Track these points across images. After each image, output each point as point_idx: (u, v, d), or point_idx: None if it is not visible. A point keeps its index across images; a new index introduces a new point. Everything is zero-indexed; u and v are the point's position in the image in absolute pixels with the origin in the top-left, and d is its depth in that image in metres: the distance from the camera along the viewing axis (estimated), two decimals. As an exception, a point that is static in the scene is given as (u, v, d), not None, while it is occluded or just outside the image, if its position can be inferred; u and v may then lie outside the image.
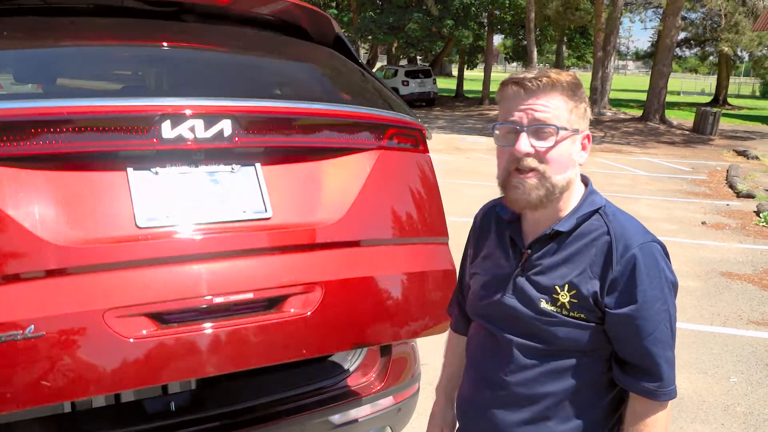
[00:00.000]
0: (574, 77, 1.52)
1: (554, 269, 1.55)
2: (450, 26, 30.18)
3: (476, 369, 1.70)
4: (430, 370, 4.26)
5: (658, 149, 18.52)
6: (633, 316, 1.48)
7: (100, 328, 1.60)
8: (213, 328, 1.77)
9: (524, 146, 1.47)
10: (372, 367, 2.60)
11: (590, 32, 35.81)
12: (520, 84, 1.49)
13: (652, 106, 24.39)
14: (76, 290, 1.62)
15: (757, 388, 4.52)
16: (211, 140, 1.85)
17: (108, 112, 1.77)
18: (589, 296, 1.50)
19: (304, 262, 1.94)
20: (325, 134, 2.12)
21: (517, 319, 1.58)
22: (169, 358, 1.70)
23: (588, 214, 1.56)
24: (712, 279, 6.90)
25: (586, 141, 1.57)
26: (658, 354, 1.50)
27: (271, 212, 1.92)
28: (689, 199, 11.34)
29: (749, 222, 9.55)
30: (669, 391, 1.53)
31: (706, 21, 34.02)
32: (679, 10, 23.86)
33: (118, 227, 1.73)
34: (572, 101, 1.51)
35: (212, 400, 2.33)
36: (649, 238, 1.53)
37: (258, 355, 1.84)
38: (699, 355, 5.02)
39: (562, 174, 1.51)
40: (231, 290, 1.79)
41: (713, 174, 14.16)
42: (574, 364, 1.55)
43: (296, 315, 1.88)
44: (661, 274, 1.50)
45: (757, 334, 5.48)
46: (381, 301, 2.08)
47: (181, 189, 1.84)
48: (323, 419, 2.39)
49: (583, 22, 34.17)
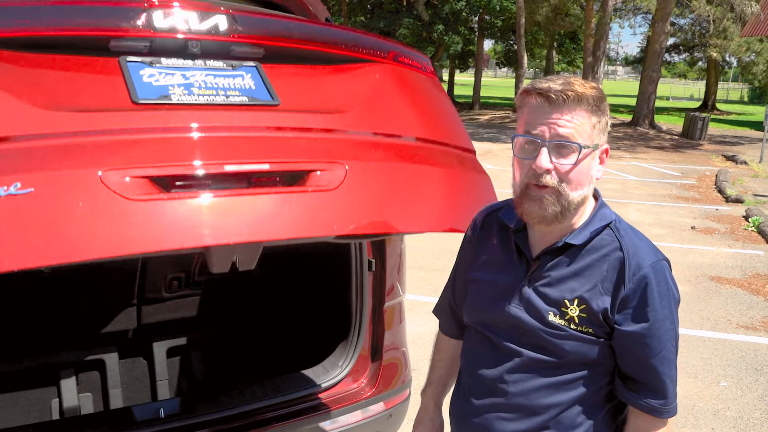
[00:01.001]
0: (599, 90, 1.48)
1: (564, 282, 1.52)
2: (440, 31, 30.26)
3: (472, 376, 1.68)
4: (421, 376, 4.24)
5: (648, 154, 18.62)
6: (643, 334, 1.47)
7: (95, 186, 1.50)
8: (226, 195, 1.63)
9: (545, 162, 1.44)
10: (363, 373, 2.59)
11: (580, 37, 36.04)
12: (545, 95, 1.44)
13: (642, 111, 24.54)
14: (70, 152, 1.54)
15: (747, 392, 4.54)
16: (208, 33, 1.80)
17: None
18: (599, 312, 1.49)
19: (321, 143, 1.85)
20: (330, 44, 2.05)
21: (522, 330, 1.56)
22: (174, 223, 1.57)
23: (600, 229, 1.54)
24: (702, 283, 6.93)
25: (604, 155, 1.54)
26: (664, 372, 1.50)
27: (279, 100, 1.85)
28: (679, 203, 11.40)
29: (738, 227, 9.61)
30: (672, 408, 1.53)
31: (694, 27, 34.32)
32: (668, 16, 24.04)
33: (115, 101, 1.65)
34: (596, 116, 1.47)
35: (203, 406, 2.31)
36: (660, 256, 1.52)
37: (279, 227, 1.69)
38: (689, 360, 5.03)
39: (580, 191, 1.48)
40: (243, 160, 1.68)
41: (702, 179, 14.25)
42: (577, 377, 1.54)
43: (319, 188, 1.74)
44: (670, 293, 1.50)
45: (747, 338, 5.51)
46: (404, 190, 1.95)
47: (179, 78, 1.78)
48: (314, 425, 2.38)
49: (573, 28, 34.42)
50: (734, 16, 28.34)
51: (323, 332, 2.79)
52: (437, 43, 32.45)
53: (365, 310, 2.56)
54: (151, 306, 2.99)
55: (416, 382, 3.18)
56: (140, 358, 3.08)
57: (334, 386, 2.50)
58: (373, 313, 2.61)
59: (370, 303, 2.58)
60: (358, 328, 2.57)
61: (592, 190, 1.55)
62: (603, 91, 1.50)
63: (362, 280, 2.55)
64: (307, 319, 2.98)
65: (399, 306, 2.73)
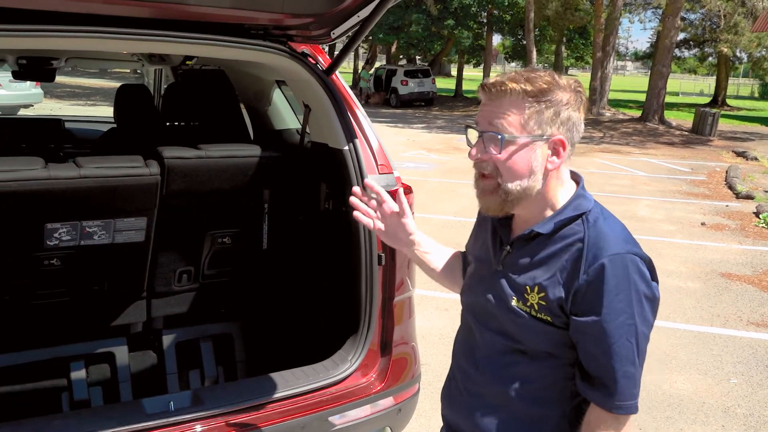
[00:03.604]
0: (541, 84, 1.48)
1: (528, 270, 1.56)
2: (450, 26, 30.17)
3: (456, 360, 1.76)
4: (430, 371, 4.26)
5: (657, 150, 18.53)
6: (594, 327, 1.46)
7: None
8: None
9: (473, 150, 1.54)
10: (372, 368, 2.59)
11: (589, 33, 35.91)
12: (484, 89, 1.53)
13: (651, 107, 24.41)
14: None
15: (758, 389, 4.51)
16: None
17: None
18: (555, 301, 1.50)
19: None
20: None
21: (490, 314, 1.61)
22: None
23: (569, 219, 1.53)
24: (712, 280, 6.90)
25: (560, 148, 1.51)
26: (615, 368, 1.46)
27: None
28: (688, 199, 11.34)
29: (749, 223, 9.55)
30: (625, 405, 1.48)
31: (705, 22, 34.05)
32: (679, 11, 23.89)
33: None
34: (533, 107, 1.48)
35: (213, 399, 2.31)
36: (625, 249, 1.48)
37: None
38: (699, 357, 5.01)
39: (517, 182, 1.50)
40: None
41: (712, 175, 14.17)
42: (540, 366, 1.56)
43: None
44: (630, 287, 1.45)
45: (757, 335, 5.48)
46: None
47: None
48: (323, 419, 2.38)
49: (582, 23, 34.27)
50: (745, 10, 28.18)
51: (333, 326, 2.79)
52: (447, 38, 32.37)
53: (375, 305, 2.56)
54: (160, 299, 2.99)
55: (426, 378, 3.18)
56: (150, 351, 3.09)
57: (343, 380, 2.50)
58: (383, 307, 2.61)
59: (379, 297, 2.57)
60: (367, 322, 2.56)
61: (538, 182, 1.52)
62: (551, 83, 1.48)
63: (372, 274, 2.54)
64: (316, 313, 2.97)
65: (409, 300, 2.72)
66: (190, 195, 2.76)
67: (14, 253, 2.57)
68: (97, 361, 2.93)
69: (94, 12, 2.08)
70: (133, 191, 2.60)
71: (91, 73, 27.53)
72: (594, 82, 26.31)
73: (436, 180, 12.20)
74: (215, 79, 3.38)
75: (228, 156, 2.78)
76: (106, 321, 2.90)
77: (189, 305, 3.08)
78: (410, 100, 30.29)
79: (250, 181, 2.86)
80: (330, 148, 2.67)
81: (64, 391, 2.82)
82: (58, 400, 2.80)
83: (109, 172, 2.53)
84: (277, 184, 2.99)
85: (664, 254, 7.76)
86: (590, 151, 17.54)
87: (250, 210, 3.01)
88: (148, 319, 3.01)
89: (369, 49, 41.35)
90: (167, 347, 3.08)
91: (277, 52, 2.48)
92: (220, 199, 2.88)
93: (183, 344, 3.12)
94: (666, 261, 7.48)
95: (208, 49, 2.42)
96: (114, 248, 2.70)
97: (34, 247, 2.57)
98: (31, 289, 2.68)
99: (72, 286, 2.75)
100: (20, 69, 3.86)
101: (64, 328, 2.85)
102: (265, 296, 3.26)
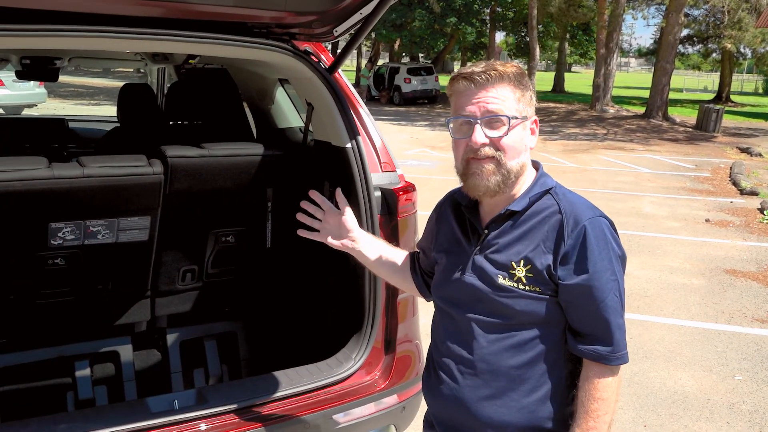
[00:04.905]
0: (519, 68, 1.64)
1: (510, 246, 1.65)
2: (453, 23, 30.12)
3: (439, 351, 1.78)
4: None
5: (661, 146, 18.48)
6: (585, 285, 1.58)
7: None
8: None
9: (480, 137, 1.60)
10: (376, 366, 2.59)
11: (593, 29, 35.80)
12: (470, 78, 1.61)
13: (655, 104, 24.33)
14: None
15: (763, 386, 4.51)
16: None
17: None
18: (543, 269, 1.60)
19: None
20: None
21: (477, 297, 1.67)
22: None
23: (540, 194, 1.66)
24: (716, 276, 6.88)
25: (534, 126, 1.69)
26: (609, 320, 1.59)
27: None
28: (693, 196, 11.31)
29: (753, 219, 9.52)
30: (620, 355, 1.61)
31: (709, 18, 33.91)
32: (682, 7, 23.81)
33: None
34: (519, 90, 1.63)
35: (217, 398, 2.32)
36: (597, 213, 1.63)
37: None
38: (704, 353, 5.00)
39: (516, 159, 1.63)
40: None
41: (716, 171, 14.12)
42: (532, 337, 1.64)
43: None
44: (608, 246, 1.60)
45: (762, 332, 5.47)
46: None
47: None
48: (327, 417, 2.38)
49: (585, 19, 34.19)
50: (749, 6, 28.06)
51: (337, 324, 2.79)
52: (450, 36, 32.33)
53: (379, 303, 2.56)
54: (164, 298, 3.00)
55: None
56: (154, 350, 3.09)
57: (347, 378, 2.50)
58: (387, 305, 2.61)
59: (383, 295, 2.57)
60: (371, 320, 2.56)
61: (528, 158, 1.69)
62: (523, 69, 1.67)
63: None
64: (320, 312, 2.98)
65: (412, 298, 2.72)
66: (193, 194, 2.77)
67: (18, 253, 2.58)
68: (102, 360, 2.93)
69: (97, 11, 2.08)
70: (136, 190, 2.61)
71: (95, 72, 27.61)
72: (597, 79, 26.23)
73: (439, 178, 12.18)
74: (218, 78, 3.38)
75: (231, 155, 2.78)
76: (110, 320, 2.91)
77: (193, 304, 3.08)
78: (413, 98, 30.24)
79: (253, 179, 2.86)
80: (333, 146, 2.67)
81: (69, 390, 2.83)
82: (63, 399, 2.81)
83: (112, 172, 2.54)
84: (280, 183, 2.99)
85: (668, 251, 7.75)
86: (594, 148, 17.50)
87: (253, 208, 3.01)
88: (152, 318, 3.01)
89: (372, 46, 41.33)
90: (171, 346, 3.08)
91: (280, 51, 2.48)
92: (224, 197, 2.88)
93: (187, 343, 3.12)
94: (670, 258, 7.47)
95: (211, 48, 2.42)
96: (118, 247, 2.71)
97: (38, 246, 2.57)
98: (35, 289, 2.68)
99: (76, 285, 2.75)
100: (24, 69, 3.87)
101: (69, 328, 2.86)
102: (269, 295, 3.26)
